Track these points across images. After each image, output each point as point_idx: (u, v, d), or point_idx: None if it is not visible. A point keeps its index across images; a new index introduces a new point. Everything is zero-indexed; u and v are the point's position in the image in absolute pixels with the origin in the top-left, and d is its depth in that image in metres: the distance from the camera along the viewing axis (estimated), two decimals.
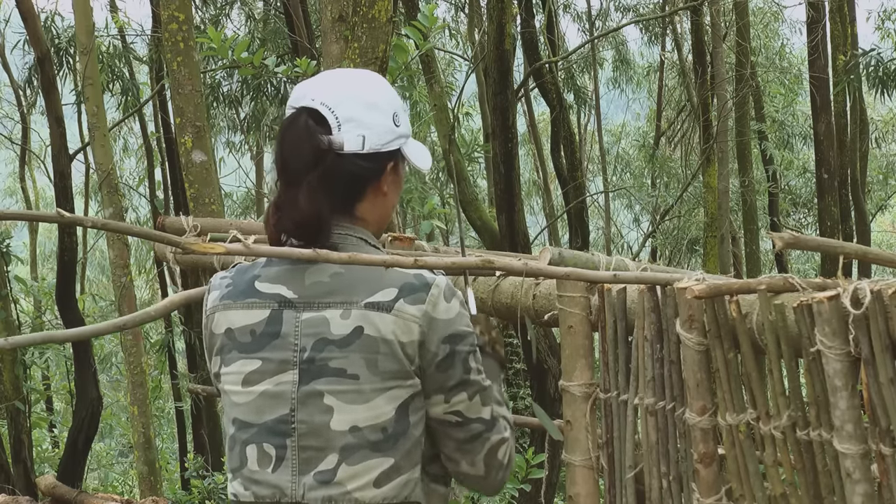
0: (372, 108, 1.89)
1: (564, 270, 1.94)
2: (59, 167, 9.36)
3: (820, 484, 1.76)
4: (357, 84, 1.93)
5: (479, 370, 1.87)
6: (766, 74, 17.91)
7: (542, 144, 19.13)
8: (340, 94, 1.90)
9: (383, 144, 1.90)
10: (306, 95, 1.90)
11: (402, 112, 1.95)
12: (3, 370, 8.75)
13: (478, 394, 1.86)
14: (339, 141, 1.86)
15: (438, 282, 1.84)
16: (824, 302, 1.64)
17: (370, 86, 1.94)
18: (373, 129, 1.88)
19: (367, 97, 1.90)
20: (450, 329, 1.82)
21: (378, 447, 1.80)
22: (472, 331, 1.87)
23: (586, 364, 2.25)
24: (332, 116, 1.87)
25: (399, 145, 1.93)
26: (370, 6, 4.91)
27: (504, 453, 1.89)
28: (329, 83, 1.93)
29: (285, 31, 11.21)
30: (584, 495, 2.27)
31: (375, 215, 1.94)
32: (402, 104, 1.97)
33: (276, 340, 1.83)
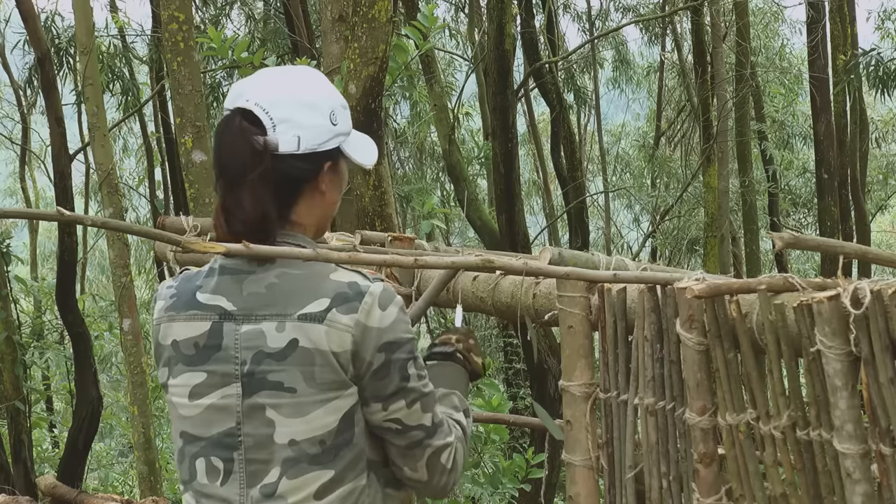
0: (307, 107, 1.87)
1: (564, 270, 1.94)
2: (59, 167, 9.36)
3: (820, 484, 1.76)
4: (293, 83, 1.90)
5: (419, 376, 1.85)
6: (766, 74, 17.90)
7: (542, 144, 19.13)
8: (275, 94, 1.88)
9: (320, 144, 1.88)
10: (241, 96, 1.88)
11: (342, 109, 1.93)
12: (3, 370, 8.75)
13: (417, 401, 1.84)
14: (274, 142, 1.83)
15: (373, 289, 1.81)
16: (824, 302, 1.64)
17: (306, 85, 1.91)
18: (308, 129, 1.86)
19: (303, 97, 1.88)
20: (385, 337, 1.80)
21: (317, 460, 1.80)
22: (410, 337, 1.84)
23: (586, 364, 2.25)
24: (267, 117, 1.85)
25: (338, 143, 1.91)
26: (370, 6, 4.91)
27: (448, 458, 1.89)
28: (264, 83, 1.91)
29: (285, 31, 11.21)
30: (584, 495, 2.27)
31: (313, 217, 1.92)
32: (341, 101, 1.95)
33: (219, 353, 1.83)
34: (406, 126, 14.32)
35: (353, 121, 2.07)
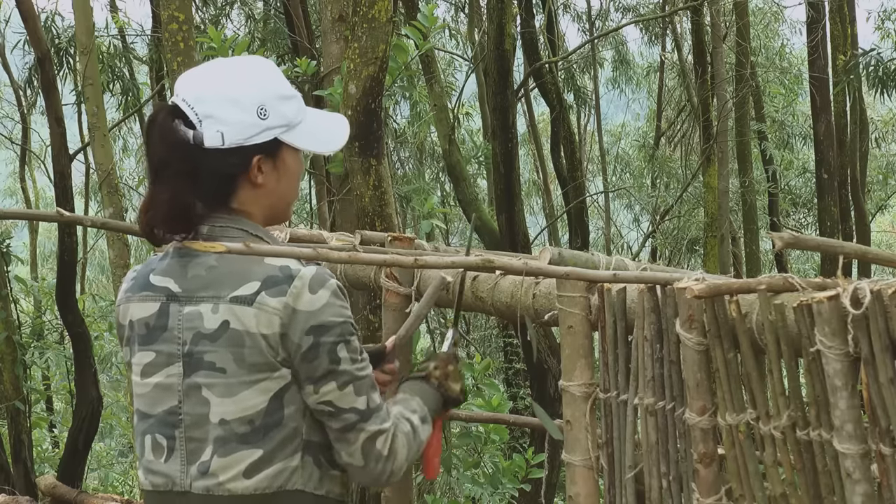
0: (230, 103, 1.88)
1: (564, 270, 1.94)
2: (59, 167, 9.36)
3: (820, 484, 1.76)
4: (220, 78, 1.92)
5: (351, 360, 1.87)
6: (766, 74, 17.90)
7: (542, 144, 19.13)
8: (201, 89, 1.90)
9: (246, 139, 1.89)
10: (175, 89, 1.93)
11: (278, 101, 1.92)
12: (3, 370, 8.75)
13: (350, 384, 1.86)
14: (199, 137, 1.87)
15: (304, 273, 1.85)
16: (824, 302, 1.64)
17: (234, 79, 1.92)
18: (231, 125, 1.88)
19: (228, 92, 1.89)
20: (313, 320, 1.84)
21: (245, 439, 1.85)
22: (341, 321, 1.86)
23: (586, 364, 2.24)
24: (192, 113, 1.88)
25: (270, 137, 1.91)
26: (370, 6, 4.91)
27: (384, 444, 1.90)
28: (193, 78, 1.94)
29: (285, 31, 11.20)
30: (583, 495, 2.27)
31: (259, 206, 1.95)
32: (278, 93, 1.93)
33: (165, 333, 1.90)
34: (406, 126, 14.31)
35: (353, 121, 2.10)
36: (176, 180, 1.87)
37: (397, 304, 2.97)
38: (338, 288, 1.89)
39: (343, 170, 5.53)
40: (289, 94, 1.95)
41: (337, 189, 6.88)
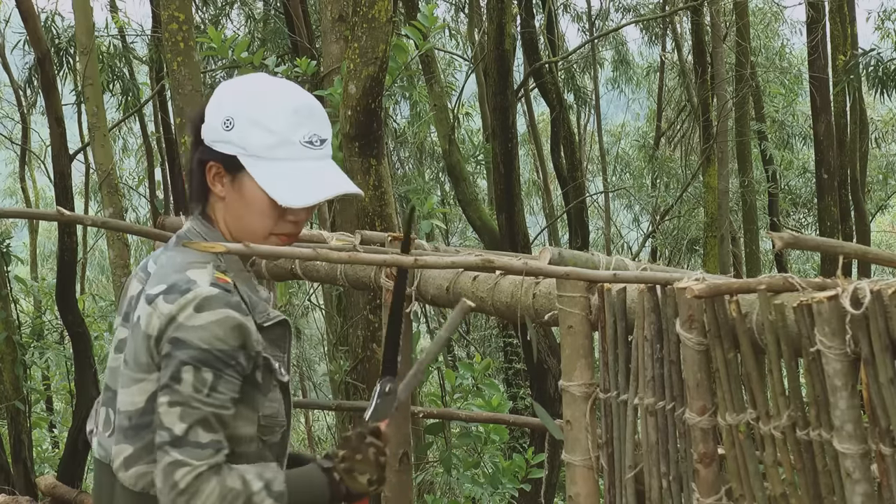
0: (214, 105, 1.96)
1: (564, 270, 1.94)
2: (59, 167, 9.36)
3: (820, 484, 1.75)
4: (237, 84, 1.98)
5: (194, 388, 1.82)
6: (766, 74, 17.90)
7: (542, 144, 19.12)
8: None
9: (212, 141, 1.95)
10: None
11: (250, 125, 1.90)
12: (3, 370, 8.75)
13: (179, 406, 1.82)
14: None
15: (202, 292, 1.85)
16: (824, 302, 1.64)
17: (237, 87, 1.97)
18: (208, 123, 1.95)
19: (222, 95, 1.97)
20: (178, 332, 1.84)
21: (125, 433, 1.90)
22: (204, 348, 1.83)
23: (586, 364, 2.24)
24: None
25: (229, 151, 1.92)
26: (370, 6, 4.90)
27: (183, 477, 1.81)
28: None
29: (285, 31, 11.21)
30: (584, 495, 2.27)
31: (223, 220, 1.98)
32: (253, 117, 1.91)
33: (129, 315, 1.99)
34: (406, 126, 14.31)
35: (353, 121, 2.08)
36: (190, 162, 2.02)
37: None
38: (232, 325, 1.84)
39: (343, 170, 5.53)
40: (270, 127, 1.91)
41: None
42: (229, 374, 1.85)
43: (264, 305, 1.99)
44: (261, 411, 1.94)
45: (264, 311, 1.98)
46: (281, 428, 1.98)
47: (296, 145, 1.92)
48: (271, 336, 1.98)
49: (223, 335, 1.84)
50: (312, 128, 1.94)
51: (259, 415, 1.93)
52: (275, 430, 1.97)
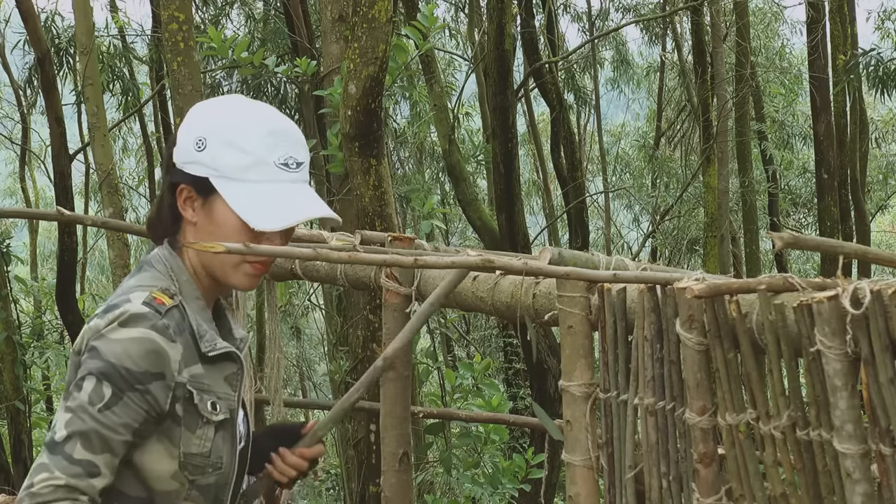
0: (185, 126, 1.89)
1: (564, 270, 1.94)
2: (59, 167, 9.37)
3: (820, 484, 1.76)
4: (209, 105, 1.93)
5: (90, 400, 1.72)
6: (766, 74, 17.90)
7: (542, 144, 19.13)
8: None
9: (183, 163, 1.86)
10: None
11: (223, 145, 1.84)
12: (3, 370, 8.76)
13: (70, 412, 1.72)
14: None
15: (129, 308, 1.77)
16: (824, 302, 1.64)
17: (208, 109, 1.91)
18: (179, 145, 1.87)
19: (192, 116, 1.91)
20: (97, 342, 1.75)
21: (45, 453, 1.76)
22: (111, 363, 1.73)
23: (586, 364, 2.24)
24: None
25: (203, 173, 1.84)
26: (370, 6, 4.90)
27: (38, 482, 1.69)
28: None
29: (285, 31, 11.21)
30: (584, 495, 2.27)
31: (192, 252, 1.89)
32: (226, 138, 1.84)
33: None
34: (406, 126, 14.32)
35: (353, 121, 2.06)
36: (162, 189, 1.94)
37: (397, 304, 2.97)
38: (148, 348, 1.74)
39: (343, 170, 5.53)
40: (244, 147, 1.84)
41: (337, 189, 6.89)
42: (131, 397, 1.73)
43: (213, 335, 1.86)
44: (183, 448, 1.80)
45: (212, 341, 1.85)
46: (215, 469, 1.85)
47: (270, 166, 1.84)
48: (218, 370, 1.86)
49: (135, 356, 1.73)
50: (288, 150, 1.86)
51: (180, 451, 1.80)
52: (206, 470, 1.83)
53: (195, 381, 1.81)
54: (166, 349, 1.76)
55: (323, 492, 11.77)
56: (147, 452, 1.79)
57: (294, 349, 16.37)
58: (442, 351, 13.78)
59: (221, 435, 1.85)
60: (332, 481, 11.60)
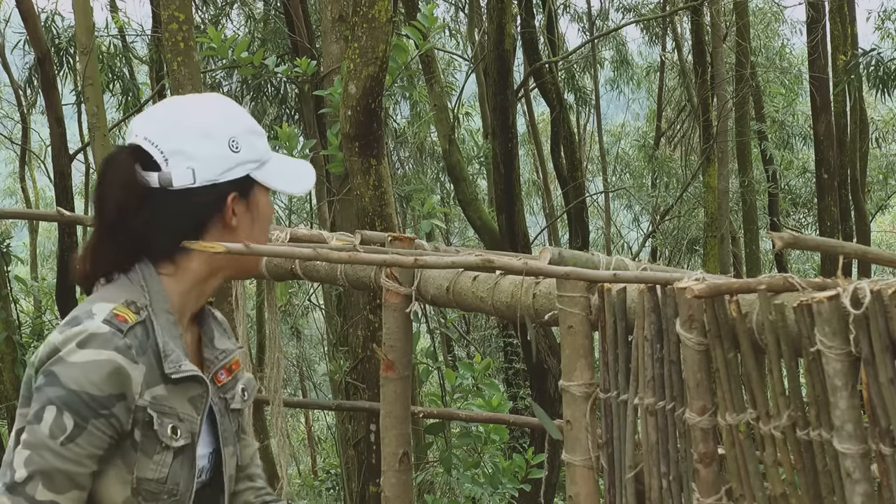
0: (201, 135, 1.75)
1: (564, 270, 1.94)
2: (59, 167, 9.37)
3: (820, 484, 1.76)
4: (185, 112, 1.79)
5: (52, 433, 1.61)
6: (766, 74, 17.90)
7: (542, 144, 19.13)
8: (166, 125, 1.77)
9: (219, 174, 1.76)
10: (132, 131, 1.79)
11: (249, 135, 1.81)
12: (3, 370, 8.76)
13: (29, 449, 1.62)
14: (167, 177, 1.73)
15: (90, 327, 1.66)
16: (824, 302, 1.64)
17: (201, 112, 1.79)
18: (202, 159, 1.74)
19: (195, 124, 1.76)
20: (55, 366, 1.64)
21: None
22: (76, 389, 1.62)
23: (586, 364, 2.24)
24: (157, 151, 1.74)
25: (244, 172, 1.79)
26: (370, 6, 4.90)
27: None
28: (155, 114, 1.80)
29: (285, 31, 11.21)
30: (583, 495, 2.27)
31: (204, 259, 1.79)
32: (248, 127, 1.81)
33: None
34: (406, 126, 14.32)
35: (353, 121, 2.07)
36: (131, 231, 1.74)
37: (397, 304, 2.97)
38: (110, 370, 1.64)
39: (343, 170, 5.53)
40: (258, 129, 1.84)
41: (337, 189, 6.89)
42: (95, 424, 1.63)
43: (178, 356, 1.74)
44: (137, 473, 1.71)
45: (176, 362, 1.73)
46: (171, 497, 1.75)
47: (265, 135, 1.88)
48: (181, 391, 1.75)
49: (97, 380, 1.63)
50: None
51: (134, 476, 1.71)
52: (160, 497, 1.73)
53: (156, 404, 1.71)
54: (128, 370, 1.66)
55: (323, 492, 11.77)
56: (101, 478, 1.68)
57: (294, 349, 16.38)
58: (442, 351, 13.78)
59: (180, 461, 1.75)
60: (332, 481, 11.61)
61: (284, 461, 3.89)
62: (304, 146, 5.51)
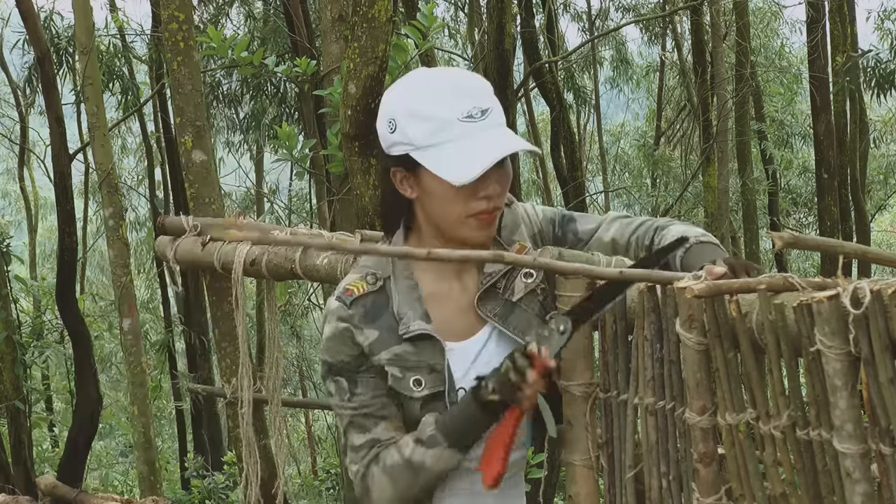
0: (380, 114, 1.97)
1: (573, 267, 1.93)
2: (59, 167, 9.36)
3: (820, 484, 1.75)
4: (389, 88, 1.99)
5: (329, 394, 2.02)
6: (765, 74, 17.90)
7: (542, 144, 19.12)
8: None
9: (387, 149, 1.98)
10: None
11: (408, 118, 1.91)
12: (3, 370, 8.75)
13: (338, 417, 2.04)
14: None
15: (329, 304, 2.04)
16: (824, 301, 1.64)
17: (389, 91, 1.98)
18: (379, 133, 1.98)
19: (382, 103, 1.99)
20: None
21: None
22: (324, 360, 2.01)
23: (586, 364, 2.24)
24: None
25: (403, 152, 1.93)
26: (370, 6, 4.90)
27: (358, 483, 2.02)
28: None
29: (285, 31, 11.21)
30: (583, 495, 2.27)
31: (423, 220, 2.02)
32: (408, 109, 1.91)
33: None
34: None
35: (353, 121, 2.11)
36: None
37: None
38: (336, 328, 1.98)
39: (343, 170, 5.53)
40: (425, 114, 1.90)
41: (337, 189, 6.88)
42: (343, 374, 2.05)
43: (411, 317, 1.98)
44: None
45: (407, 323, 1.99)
46: None
47: (455, 124, 1.88)
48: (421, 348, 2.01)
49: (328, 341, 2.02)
50: (470, 102, 1.89)
51: None
52: None
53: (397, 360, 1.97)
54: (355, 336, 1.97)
55: (323, 492, 11.77)
56: None
57: (294, 349, 16.38)
58: None
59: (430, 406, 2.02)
60: (332, 481, 11.60)
61: (282, 460, 3.90)
62: (304, 146, 5.51)
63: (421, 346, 1.97)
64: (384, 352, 1.97)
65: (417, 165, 1.92)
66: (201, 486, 8.92)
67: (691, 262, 2.00)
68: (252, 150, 17.00)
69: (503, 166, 1.95)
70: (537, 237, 2.12)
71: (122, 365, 10.96)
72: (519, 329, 2.03)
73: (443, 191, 1.92)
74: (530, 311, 2.05)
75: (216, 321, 4.25)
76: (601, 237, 2.13)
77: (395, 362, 1.96)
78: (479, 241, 1.98)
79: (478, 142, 1.88)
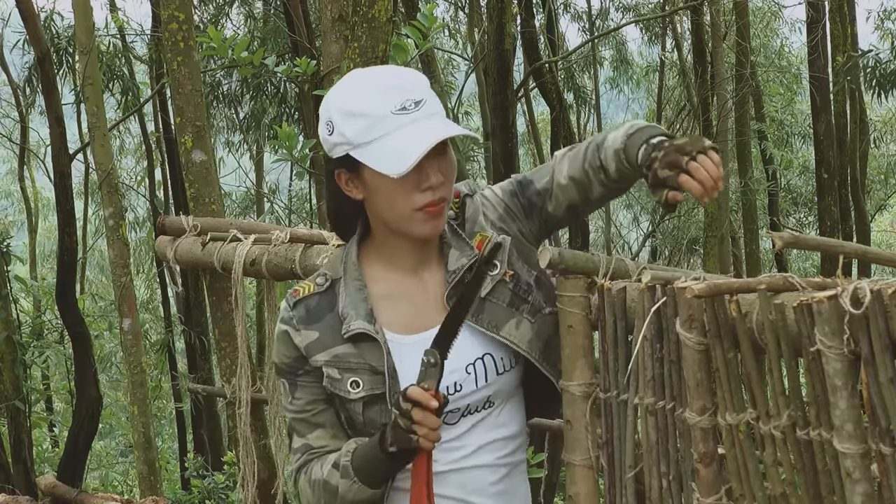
0: (320, 118, 1.97)
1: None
2: (59, 167, 9.36)
3: (820, 484, 1.75)
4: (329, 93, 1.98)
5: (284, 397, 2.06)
6: (765, 74, 17.89)
7: (542, 144, 19.11)
8: None
9: (328, 151, 1.97)
10: None
11: (344, 117, 1.90)
12: (3, 370, 8.75)
13: None
14: None
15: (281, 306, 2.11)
16: (824, 301, 1.64)
17: (327, 96, 1.97)
18: (321, 137, 1.97)
19: (321, 107, 1.97)
20: None
21: None
22: (274, 362, 2.05)
23: (586, 364, 2.24)
24: None
25: (343, 152, 1.92)
26: (370, 6, 4.90)
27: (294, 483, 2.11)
28: None
29: (285, 31, 11.21)
30: (583, 495, 2.26)
31: (376, 220, 2.01)
32: (344, 108, 1.91)
33: None
34: None
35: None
36: None
37: None
38: (278, 330, 2.03)
39: None
40: (359, 111, 1.89)
41: None
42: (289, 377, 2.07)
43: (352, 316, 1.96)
44: None
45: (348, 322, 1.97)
46: None
47: (389, 118, 1.87)
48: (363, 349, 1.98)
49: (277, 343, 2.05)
50: (402, 95, 1.88)
51: None
52: None
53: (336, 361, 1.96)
54: (292, 338, 1.99)
55: None
56: None
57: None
58: None
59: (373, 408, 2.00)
60: None
61: (282, 460, 3.90)
62: (304, 146, 5.50)
63: (363, 347, 1.94)
64: (322, 353, 1.95)
65: (359, 165, 1.91)
66: (201, 486, 8.91)
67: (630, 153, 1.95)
68: (252, 150, 17.01)
69: (445, 156, 1.92)
70: (505, 217, 2.05)
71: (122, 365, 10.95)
72: (493, 324, 1.99)
73: (385, 186, 1.90)
74: (501, 303, 2.01)
75: (216, 321, 4.25)
76: (560, 182, 2.03)
77: (333, 363, 1.94)
78: (428, 234, 1.95)
79: (412, 132, 1.86)
